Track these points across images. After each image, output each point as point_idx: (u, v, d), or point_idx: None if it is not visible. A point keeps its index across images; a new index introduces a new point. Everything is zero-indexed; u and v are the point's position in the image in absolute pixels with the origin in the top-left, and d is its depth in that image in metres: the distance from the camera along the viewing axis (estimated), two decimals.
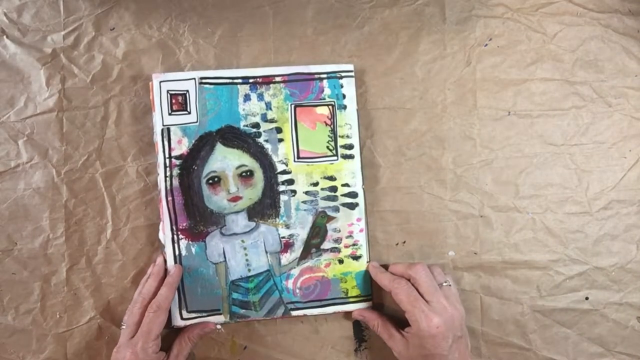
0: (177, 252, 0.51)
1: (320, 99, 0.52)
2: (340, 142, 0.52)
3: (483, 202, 0.54)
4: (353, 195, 0.53)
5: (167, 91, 0.51)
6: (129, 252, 0.52)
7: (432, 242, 0.54)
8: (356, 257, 0.53)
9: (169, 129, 0.51)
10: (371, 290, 0.53)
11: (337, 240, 0.52)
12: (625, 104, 0.54)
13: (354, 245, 0.52)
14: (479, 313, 0.53)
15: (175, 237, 0.51)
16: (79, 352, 0.52)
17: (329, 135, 0.52)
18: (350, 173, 0.52)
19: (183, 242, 0.51)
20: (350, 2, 0.54)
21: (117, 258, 0.52)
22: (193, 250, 0.51)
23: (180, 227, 0.51)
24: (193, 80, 0.51)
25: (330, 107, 0.52)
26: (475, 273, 0.54)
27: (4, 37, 0.52)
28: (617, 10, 0.55)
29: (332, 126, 0.52)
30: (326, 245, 0.52)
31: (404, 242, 0.54)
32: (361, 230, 0.53)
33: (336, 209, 0.52)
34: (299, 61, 0.53)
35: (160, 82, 0.51)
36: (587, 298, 0.54)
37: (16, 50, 0.52)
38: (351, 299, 0.52)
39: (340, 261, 0.52)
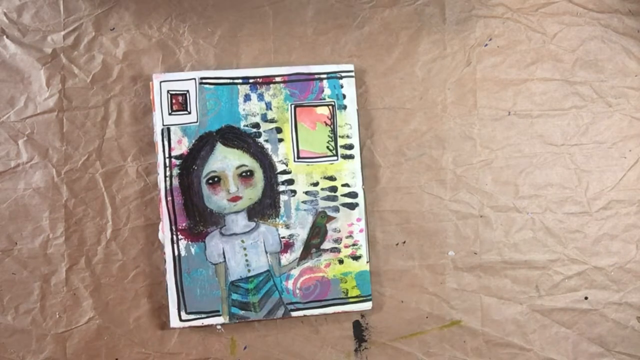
0: (176, 253, 0.51)
1: (320, 99, 0.52)
2: (340, 142, 0.52)
3: (483, 202, 0.54)
4: (353, 195, 0.53)
5: (168, 91, 0.51)
6: (129, 252, 0.52)
7: (432, 242, 0.54)
8: (356, 257, 0.53)
9: (169, 129, 0.51)
10: (371, 291, 0.53)
11: (337, 241, 0.52)
12: (625, 104, 0.54)
13: (354, 245, 0.52)
14: (479, 313, 0.54)
15: (174, 237, 0.51)
16: (79, 352, 0.52)
17: (329, 136, 0.52)
18: (350, 173, 0.52)
19: (182, 243, 0.51)
20: (350, 2, 0.54)
21: (117, 258, 0.52)
22: (192, 250, 0.51)
23: (180, 227, 0.51)
24: (193, 81, 0.51)
25: (330, 107, 0.52)
26: (475, 273, 0.54)
27: (4, 37, 0.52)
28: (617, 10, 0.55)
29: (332, 126, 0.52)
30: (326, 245, 0.52)
31: (404, 242, 0.54)
32: (361, 231, 0.53)
33: (336, 209, 0.52)
34: (299, 61, 0.53)
35: (161, 82, 0.51)
36: (586, 298, 0.54)
37: (16, 50, 0.52)
38: (351, 299, 0.52)
39: (340, 261, 0.52)
